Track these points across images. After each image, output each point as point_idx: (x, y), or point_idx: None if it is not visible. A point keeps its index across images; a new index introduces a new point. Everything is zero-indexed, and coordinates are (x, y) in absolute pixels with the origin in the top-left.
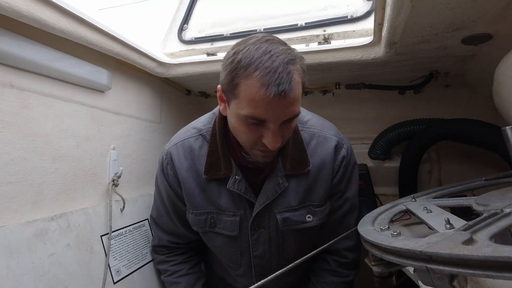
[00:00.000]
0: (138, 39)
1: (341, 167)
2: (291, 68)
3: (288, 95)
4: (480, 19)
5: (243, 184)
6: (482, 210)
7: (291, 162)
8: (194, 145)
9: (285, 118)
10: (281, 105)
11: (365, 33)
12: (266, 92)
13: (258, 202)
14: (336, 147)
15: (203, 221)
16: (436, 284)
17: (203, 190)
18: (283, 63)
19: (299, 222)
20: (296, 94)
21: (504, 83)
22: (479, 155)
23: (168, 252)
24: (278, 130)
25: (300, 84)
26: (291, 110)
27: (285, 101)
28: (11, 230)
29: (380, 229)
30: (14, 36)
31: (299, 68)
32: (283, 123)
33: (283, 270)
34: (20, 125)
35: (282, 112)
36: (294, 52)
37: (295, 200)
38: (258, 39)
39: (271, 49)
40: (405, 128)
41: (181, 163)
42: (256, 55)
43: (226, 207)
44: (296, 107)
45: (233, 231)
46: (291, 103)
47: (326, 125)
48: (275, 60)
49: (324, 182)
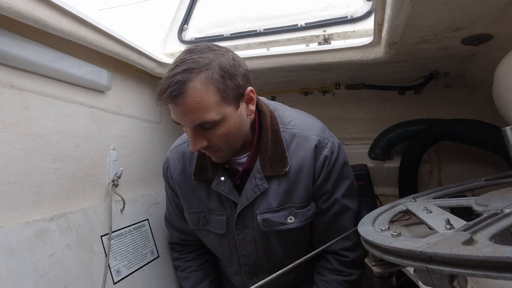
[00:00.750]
0: (138, 40)
1: (324, 167)
2: (185, 76)
3: (176, 101)
4: (480, 19)
5: (227, 185)
6: (482, 211)
7: (271, 163)
8: (187, 150)
9: (194, 124)
10: (179, 110)
11: (365, 33)
12: (160, 98)
13: (239, 203)
14: (317, 147)
15: (196, 219)
16: (436, 284)
17: (194, 191)
18: (180, 71)
19: (279, 223)
20: (191, 100)
21: (504, 84)
22: (479, 156)
23: (181, 249)
24: (195, 133)
25: (201, 91)
26: (194, 116)
27: (177, 107)
28: (11, 230)
29: (380, 230)
30: (14, 36)
31: (204, 76)
32: (202, 128)
33: (278, 273)
34: (20, 125)
35: (184, 117)
36: (212, 59)
37: (275, 201)
38: (181, 53)
39: (180, 60)
40: (405, 129)
41: (176, 166)
42: (172, 63)
43: (214, 207)
44: (199, 115)
45: (221, 230)
46: (187, 110)
47: (310, 124)
48: (176, 67)
49: (305, 183)
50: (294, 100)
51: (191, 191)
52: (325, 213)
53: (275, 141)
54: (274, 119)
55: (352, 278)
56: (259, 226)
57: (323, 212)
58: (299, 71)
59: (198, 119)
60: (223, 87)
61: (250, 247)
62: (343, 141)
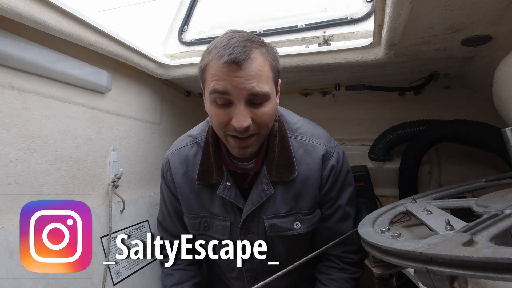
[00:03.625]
0: (138, 41)
1: (331, 176)
2: (248, 44)
3: (241, 65)
4: (480, 20)
5: (233, 191)
6: (482, 212)
7: (277, 168)
8: (189, 153)
9: (247, 94)
10: (237, 75)
11: (365, 34)
12: (220, 61)
13: (245, 208)
14: (324, 156)
15: (197, 224)
16: (437, 285)
17: (196, 195)
18: (240, 41)
19: (286, 229)
20: (255, 67)
21: (504, 85)
22: (479, 157)
23: None
24: (244, 109)
25: (262, 61)
26: (250, 84)
27: (241, 71)
28: (11, 231)
29: (380, 231)
30: (14, 37)
31: (263, 50)
32: (250, 104)
33: (278, 274)
34: (20, 126)
35: (239, 84)
36: (260, 39)
37: (283, 207)
38: (226, 32)
39: (234, 35)
40: (405, 130)
41: (177, 169)
42: (217, 41)
43: (218, 213)
44: (258, 84)
45: (224, 235)
46: (249, 76)
47: (317, 133)
48: (232, 38)
49: (312, 191)
50: (294, 101)
51: (193, 195)
52: (328, 219)
53: (283, 147)
54: (282, 125)
55: (357, 275)
56: (265, 231)
57: (326, 218)
58: (299, 72)
59: (257, 87)
60: (274, 66)
61: None
62: (343, 142)
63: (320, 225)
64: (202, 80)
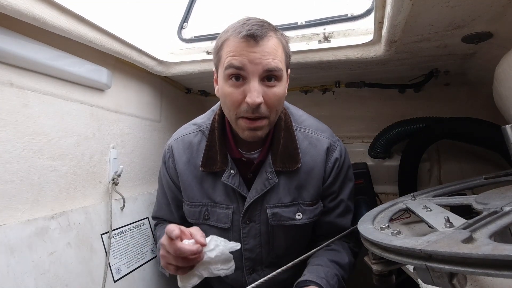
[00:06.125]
0: (138, 38)
1: (334, 169)
2: (265, 25)
3: (258, 41)
4: (481, 17)
5: (237, 178)
6: (482, 209)
7: (282, 158)
8: (194, 140)
9: (262, 69)
10: (254, 50)
11: (365, 31)
12: (238, 36)
13: (249, 196)
14: (328, 149)
15: (197, 213)
16: (436, 282)
17: (199, 183)
18: (257, 21)
19: (288, 218)
20: (271, 45)
21: (504, 82)
22: (479, 154)
23: None
24: (258, 85)
25: (277, 42)
26: (266, 60)
27: (257, 47)
28: (11, 228)
29: (380, 228)
30: (13, 34)
31: (277, 34)
32: (263, 82)
33: (278, 271)
34: (20, 124)
35: (255, 59)
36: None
37: (286, 197)
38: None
39: (251, 18)
40: (405, 127)
41: (180, 156)
42: (234, 23)
43: (220, 200)
44: (274, 60)
45: (225, 223)
46: (266, 52)
47: (321, 127)
48: (249, 19)
49: (315, 182)
50: (294, 98)
51: (195, 182)
52: (330, 213)
53: (288, 138)
54: (288, 117)
55: (356, 250)
56: (267, 220)
57: (328, 211)
58: (299, 69)
59: (273, 62)
60: (287, 51)
61: (254, 241)
62: (343, 140)
63: (322, 218)
64: (217, 60)
